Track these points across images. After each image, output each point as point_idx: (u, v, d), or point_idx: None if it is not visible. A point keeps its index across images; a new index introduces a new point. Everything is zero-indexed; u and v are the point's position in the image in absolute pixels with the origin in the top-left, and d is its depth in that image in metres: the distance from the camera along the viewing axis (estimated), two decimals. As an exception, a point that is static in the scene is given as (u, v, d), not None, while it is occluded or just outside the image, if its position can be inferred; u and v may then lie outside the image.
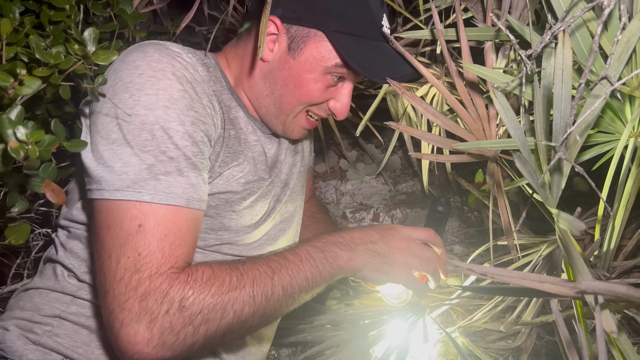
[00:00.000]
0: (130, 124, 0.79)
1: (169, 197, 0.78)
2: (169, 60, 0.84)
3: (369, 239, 0.94)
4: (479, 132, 0.95)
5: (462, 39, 0.95)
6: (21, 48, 0.80)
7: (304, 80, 0.93)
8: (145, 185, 0.77)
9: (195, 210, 0.82)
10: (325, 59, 0.91)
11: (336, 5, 0.90)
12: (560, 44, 0.65)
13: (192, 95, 0.83)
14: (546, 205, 0.77)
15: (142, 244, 0.75)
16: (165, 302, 0.73)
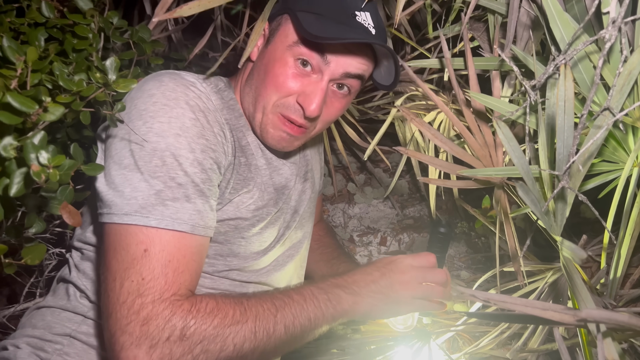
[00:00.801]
0: (142, 150, 0.82)
1: (175, 223, 0.79)
2: (182, 90, 0.87)
3: (370, 279, 0.94)
4: (485, 158, 0.97)
5: (469, 68, 0.97)
6: (45, 75, 0.84)
7: (272, 66, 0.92)
8: (153, 210, 0.78)
9: (200, 237, 0.83)
10: (288, 38, 0.92)
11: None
12: (562, 76, 0.68)
13: (203, 124, 0.86)
14: (551, 232, 0.78)
15: (147, 268, 0.77)
16: (167, 329, 0.74)
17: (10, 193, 0.68)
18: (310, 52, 0.90)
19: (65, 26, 0.98)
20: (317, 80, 0.92)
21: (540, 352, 1.10)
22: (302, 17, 0.88)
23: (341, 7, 0.92)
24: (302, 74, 0.91)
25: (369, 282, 0.93)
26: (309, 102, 0.90)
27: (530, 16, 0.92)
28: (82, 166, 0.83)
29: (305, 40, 0.89)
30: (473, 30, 1.19)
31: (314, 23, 0.87)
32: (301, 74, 0.91)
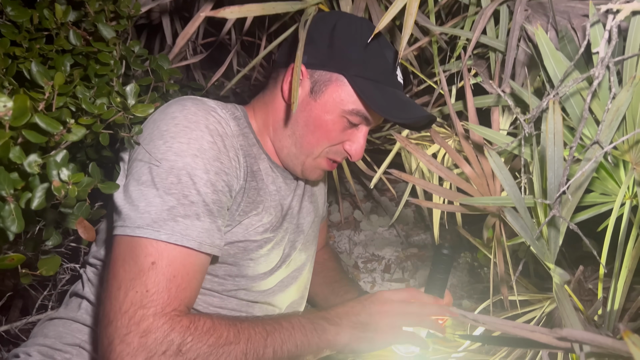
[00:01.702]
0: (160, 167, 0.86)
1: (184, 239, 0.83)
2: (204, 114, 0.92)
3: (352, 311, 0.98)
4: (482, 187, 1.00)
5: (468, 101, 1.02)
6: (69, 98, 0.90)
7: (323, 121, 1.00)
8: (164, 225, 0.82)
9: (204, 255, 0.87)
10: (344, 102, 0.99)
11: (356, 54, 0.99)
12: (551, 110, 0.72)
13: (220, 148, 0.91)
14: (544, 260, 0.81)
15: (152, 281, 0.80)
16: (165, 343, 0.77)
17: (32, 206, 0.73)
18: (361, 120, 1.01)
19: (89, 53, 1.05)
20: (361, 131, 1.03)
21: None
22: (361, 84, 0.97)
23: (387, 69, 1.01)
24: (349, 127, 1.02)
25: (350, 315, 0.97)
26: (356, 150, 1.03)
27: (527, 54, 0.97)
28: (99, 184, 0.88)
29: (366, 109, 0.99)
30: (476, 67, 1.25)
31: (376, 94, 0.97)
32: (348, 127, 1.02)
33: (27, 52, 0.98)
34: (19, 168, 0.74)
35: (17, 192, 0.73)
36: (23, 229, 0.72)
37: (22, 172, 0.74)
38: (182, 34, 1.32)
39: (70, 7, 1.07)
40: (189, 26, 1.29)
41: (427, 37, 1.08)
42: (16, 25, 1.02)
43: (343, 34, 1.00)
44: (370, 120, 1.02)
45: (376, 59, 1.00)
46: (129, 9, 1.13)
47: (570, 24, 0.90)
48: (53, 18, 1.03)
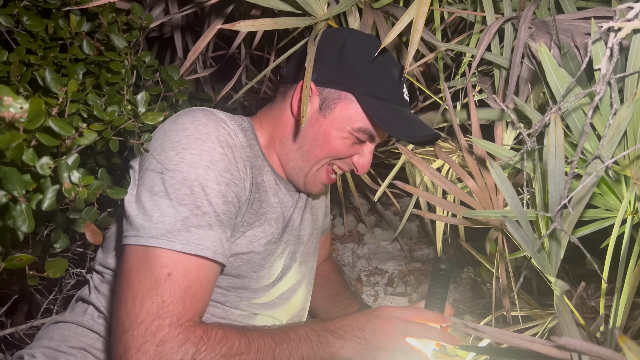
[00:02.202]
0: (173, 178, 0.88)
1: (199, 249, 0.84)
2: (214, 126, 0.94)
3: (356, 325, 0.98)
4: (486, 201, 1.01)
5: (472, 116, 1.04)
6: (82, 105, 0.92)
7: (332, 137, 1.02)
8: (178, 235, 0.83)
9: (217, 265, 0.89)
10: (352, 121, 1.01)
11: (364, 73, 1.01)
12: (552, 124, 0.73)
13: (230, 159, 0.93)
14: (545, 273, 0.82)
15: (169, 292, 0.81)
16: (180, 352, 0.79)
17: (43, 207, 0.75)
18: (369, 137, 1.03)
19: (101, 62, 1.08)
20: (368, 146, 1.05)
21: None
22: (369, 103, 0.99)
23: (395, 88, 1.04)
24: (357, 142, 1.04)
25: (354, 328, 0.97)
26: (362, 164, 1.06)
27: (530, 70, 0.99)
28: (107, 189, 0.90)
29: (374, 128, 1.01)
30: (481, 83, 1.27)
31: (384, 113, 0.99)
32: (356, 142, 1.04)
33: (42, 60, 1.01)
34: (31, 170, 0.76)
35: (29, 193, 0.74)
36: (33, 229, 0.74)
37: (34, 174, 0.76)
38: (194, 48, 1.35)
39: (84, 17, 1.10)
40: (201, 40, 1.32)
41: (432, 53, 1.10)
42: (31, 34, 1.05)
43: (352, 52, 1.02)
44: (377, 138, 1.04)
45: (384, 78, 1.03)
46: (141, 20, 1.16)
47: (573, 41, 0.92)
48: (68, 28, 1.06)
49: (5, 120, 0.64)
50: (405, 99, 1.06)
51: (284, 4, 1.18)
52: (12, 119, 0.65)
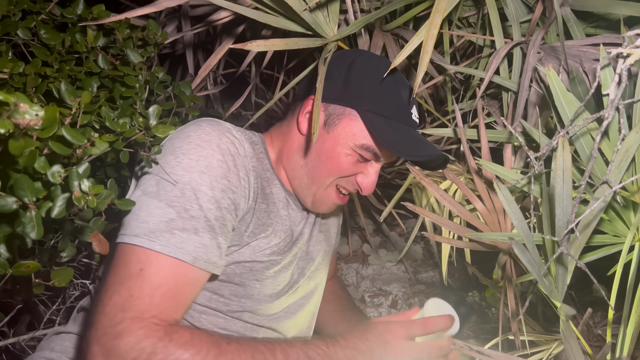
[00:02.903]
0: (167, 180, 0.88)
1: (178, 252, 0.83)
2: (217, 134, 0.94)
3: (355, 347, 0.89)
4: (494, 224, 1.01)
5: (482, 138, 1.04)
6: (94, 116, 0.94)
7: (335, 153, 1.01)
8: (160, 236, 0.83)
9: (199, 270, 0.86)
10: (355, 137, 1.00)
11: (370, 90, 1.01)
12: (560, 148, 0.73)
13: (229, 166, 0.92)
14: (551, 298, 0.81)
15: (137, 287, 0.79)
16: (135, 350, 0.75)
17: (52, 214, 0.75)
18: (372, 156, 1.02)
19: (116, 77, 1.10)
20: (373, 165, 1.04)
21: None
22: (372, 119, 0.98)
23: (402, 107, 1.03)
24: (361, 161, 1.03)
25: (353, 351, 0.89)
26: (367, 184, 1.03)
27: (538, 95, 0.99)
28: (115, 200, 0.91)
29: (376, 145, 1.00)
30: (489, 106, 1.28)
31: (387, 131, 0.97)
32: (360, 161, 1.03)
33: (58, 72, 1.03)
34: (42, 178, 0.77)
35: (39, 201, 0.75)
36: (42, 236, 0.74)
37: (45, 182, 0.77)
38: (205, 65, 1.37)
39: (100, 32, 1.12)
40: (212, 58, 1.34)
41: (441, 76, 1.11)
42: (48, 48, 1.07)
43: (359, 70, 1.03)
44: (380, 156, 1.02)
45: (390, 97, 1.03)
46: (156, 36, 1.18)
47: (582, 67, 0.93)
48: (84, 42, 1.09)
49: (20, 127, 0.65)
50: (414, 120, 1.06)
51: (294, 25, 1.20)
52: (27, 126, 0.66)
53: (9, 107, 0.63)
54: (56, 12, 1.13)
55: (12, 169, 0.73)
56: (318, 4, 1.20)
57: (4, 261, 0.72)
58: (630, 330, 0.88)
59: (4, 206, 0.70)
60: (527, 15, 1.23)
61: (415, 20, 1.40)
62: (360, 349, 0.88)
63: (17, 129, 0.65)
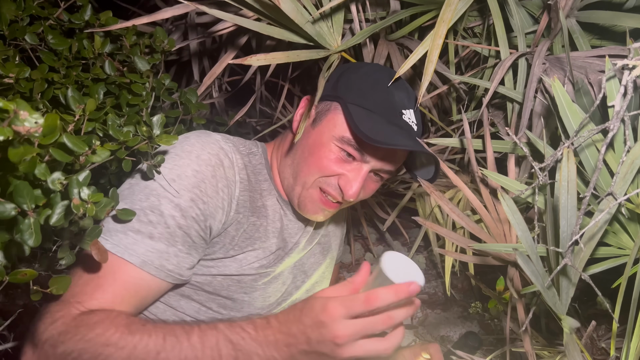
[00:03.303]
0: (137, 185, 0.90)
1: (126, 252, 0.83)
2: (200, 145, 0.94)
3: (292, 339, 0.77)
4: (499, 236, 1.00)
5: (487, 148, 1.03)
6: (99, 124, 0.94)
7: (316, 148, 0.98)
8: (114, 236, 0.84)
9: (148, 275, 0.84)
10: (336, 129, 0.97)
11: (358, 85, 0.99)
12: (565, 158, 0.73)
13: (205, 176, 0.91)
14: (555, 310, 0.80)
15: (77, 276, 0.83)
16: (49, 330, 0.77)
17: (51, 222, 0.75)
18: (353, 150, 0.96)
19: (122, 83, 1.10)
20: (358, 168, 0.97)
21: None
22: (353, 110, 0.95)
23: (391, 104, 0.98)
24: (344, 160, 0.97)
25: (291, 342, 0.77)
26: (349, 187, 0.96)
27: (543, 105, 0.99)
28: (116, 210, 0.91)
29: (352, 136, 0.95)
30: (493, 117, 1.27)
31: (365, 120, 0.93)
32: (344, 160, 0.97)
33: (64, 78, 1.03)
34: (42, 185, 0.76)
35: (38, 208, 0.75)
36: (39, 243, 0.74)
37: (45, 189, 0.77)
38: (210, 73, 1.38)
39: (108, 39, 1.13)
40: (217, 66, 1.35)
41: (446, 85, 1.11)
42: (55, 53, 1.07)
43: (354, 69, 1.02)
44: (364, 153, 0.96)
45: (378, 93, 0.99)
46: (163, 44, 1.18)
47: (587, 78, 0.92)
48: (91, 48, 1.09)
49: (20, 134, 0.65)
50: (405, 121, 0.98)
51: (297, 36, 1.20)
52: (27, 134, 0.66)
53: (9, 114, 0.63)
54: (64, 18, 1.13)
55: (13, 176, 0.73)
56: (322, 15, 1.20)
57: (1, 268, 0.72)
58: (634, 344, 0.87)
59: (3, 212, 0.70)
60: (532, 27, 1.23)
61: (421, 30, 1.40)
62: (293, 333, 0.76)
63: (17, 136, 0.65)
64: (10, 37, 1.03)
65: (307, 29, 1.16)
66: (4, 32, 1.02)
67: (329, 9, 1.16)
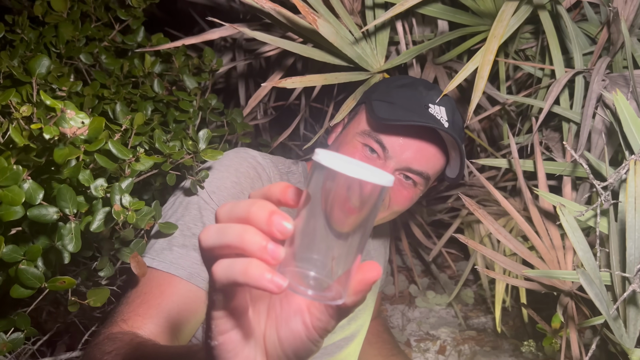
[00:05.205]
0: (179, 200, 0.92)
1: (172, 267, 0.84)
2: (239, 160, 0.96)
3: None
4: (552, 262, 0.93)
5: (539, 169, 0.97)
6: (146, 138, 0.95)
7: (342, 149, 0.99)
8: (161, 254, 0.85)
9: (195, 287, 0.84)
10: (359, 125, 0.98)
11: (385, 84, 1.01)
12: (632, 172, 0.66)
13: (243, 188, 0.92)
14: (621, 343, 0.72)
15: (125, 296, 0.85)
16: (88, 348, 0.78)
17: (91, 228, 0.75)
18: (375, 143, 0.94)
19: (170, 102, 1.12)
20: (382, 166, 0.94)
21: None
22: (376, 104, 0.95)
23: (415, 98, 0.96)
24: (367, 157, 0.95)
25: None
26: None
27: (604, 123, 0.92)
28: (158, 223, 0.90)
29: (374, 130, 0.94)
30: (548, 140, 1.20)
31: (384, 109, 0.93)
32: (367, 157, 0.95)
33: (114, 94, 1.06)
34: (86, 193, 0.77)
35: (80, 215, 0.75)
36: (79, 249, 0.74)
37: (88, 196, 0.77)
38: (254, 96, 1.40)
39: (158, 59, 1.16)
40: (260, 91, 1.37)
41: (497, 106, 1.06)
42: (107, 72, 1.11)
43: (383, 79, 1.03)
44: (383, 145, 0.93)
45: (405, 89, 0.99)
46: (212, 63, 1.21)
47: (652, 94, 0.86)
48: (141, 67, 1.12)
49: (66, 136, 0.66)
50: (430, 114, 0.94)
51: (337, 59, 1.19)
52: (73, 136, 0.67)
53: (56, 114, 0.64)
54: (117, 39, 1.18)
55: (56, 179, 0.73)
56: (365, 35, 1.19)
57: (40, 274, 0.72)
58: None
59: (45, 216, 0.70)
60: (589, 48, 1.17)
61: (470, 53, 1.37)
62: None
63: (62, 136, 0.66)
64: (67, 56, 1.07)
65: (347, 51, 1.15)
66: (61, 50, 1.07)
67: (373, 27, 1.15)
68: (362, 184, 0.39)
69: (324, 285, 0.41)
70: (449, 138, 0.91)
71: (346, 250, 0.41)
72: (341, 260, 0.41)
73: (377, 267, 0.42)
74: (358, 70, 1.22)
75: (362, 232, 0.41)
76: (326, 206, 0.41)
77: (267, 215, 0.39)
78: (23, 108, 0.69)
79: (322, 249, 0.41)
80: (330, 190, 0.40)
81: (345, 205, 0.40)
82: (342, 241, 0.41)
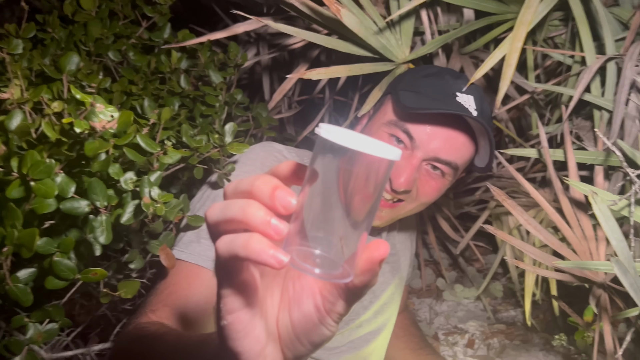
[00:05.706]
0: (206, 194, 0.95)
1: (200, 259, 0.87)
2: (264, 154, 0.98)
3: None
4: (584, 254, 0.91)
5: (569, 158, 0.95)
6: (173, 132, 0.96)
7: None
8: (189, 246, 0.88)
9: None
10: (385, 115, 0.97)
11: (410, 74, 1.01)
12: (668, 160, 0.64)
13: None
14: (658, 336, 0.70)
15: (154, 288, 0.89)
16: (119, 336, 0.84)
17: (122, 220, 0.77)
18: (401, 133, 0.92)
19: (196, 97, 1.14)
20: (409, 156, 0.92)
21: None
22: (402, 94, 0.93)
23: (443, 87, 0.94)
24: (395, 144, 0.94)
25: None
26: (398, 175, 0.90)
27: (639, 109, 0.90)
28: (187, 215, 0.92)
29: (400, 119, 0.93)
30: (578, 129, 1.17)
31: (410, 97, 0.92)
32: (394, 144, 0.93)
33: (142, 90, 1.08)
34: (115, 186, 0.79)
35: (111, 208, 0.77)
36: (110, 241, 0.75)
37: (117, 190, 0.79)
38: (279, 90, 1.41)
39: (184, 54, 1.17)
40: (285, 84, 1.38)
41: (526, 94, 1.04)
42: (135, 69, 1.13)
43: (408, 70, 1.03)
44: (410, 135, 0.91)
45: (431, 78, 0.97)
46: (237, 58, 1.22)
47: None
48: (168, 63, 1.14)
49: (96, 130, 0.67)
50: (458, 102, 0.92)
51: (361, 50, 1.18)
52: (103, 129, 0.68)
53: (86, 108, 0.65)
54: (144, 36, 1.20)
55: (86, 173, 0.75)
56: (390, 25, 1.18)
57: (73, 266, 0.74)
58: None
59: (77, 209, 0.72)
60: (621, 33, 1.14)
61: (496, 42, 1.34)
62: None
63: (93, 130, 0.67)
64: (95, 53, 1.10)
65: (372, 42, 1.14)
66: (90, 48, 1.09)
67: (397, 17, 1.14)
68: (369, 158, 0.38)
69: (331, 264, 0.41)
70: (478, 126, 0.89)
71: (353, 229, 0.40)
72: (349, 240, 0.40)
73: (384, 245, 0.41)
74: (383, 61, 1.21)
75: (369, 210, 0.40)
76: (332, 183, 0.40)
77: (270, 190, 0.39)
78: (54, 104, 0.71)
79: (328, 227, 0.40)
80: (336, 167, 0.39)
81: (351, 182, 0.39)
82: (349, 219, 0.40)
